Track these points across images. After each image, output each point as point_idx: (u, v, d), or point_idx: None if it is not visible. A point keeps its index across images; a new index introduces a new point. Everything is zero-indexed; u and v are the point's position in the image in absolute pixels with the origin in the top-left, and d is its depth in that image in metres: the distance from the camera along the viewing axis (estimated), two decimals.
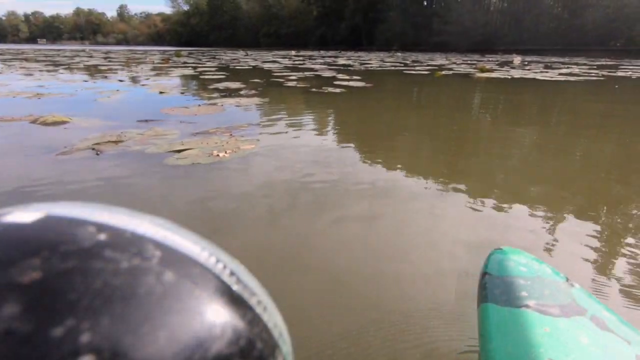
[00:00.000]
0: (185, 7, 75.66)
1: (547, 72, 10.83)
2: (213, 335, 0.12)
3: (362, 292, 1.06)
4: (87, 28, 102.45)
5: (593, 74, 10.18)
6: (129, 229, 0.13)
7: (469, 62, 16.66)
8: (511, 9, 43.01)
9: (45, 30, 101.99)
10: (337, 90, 5.84)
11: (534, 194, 1.83)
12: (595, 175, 2.14)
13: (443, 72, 10.04)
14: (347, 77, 8.04)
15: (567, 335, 0.49)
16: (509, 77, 8.97)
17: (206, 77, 7.92)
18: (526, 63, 16.05)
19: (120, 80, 7.02)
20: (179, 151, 2.32)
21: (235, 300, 0.13)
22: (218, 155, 2.22)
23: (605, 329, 0.51)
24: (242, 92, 5.37)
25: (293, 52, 28.60)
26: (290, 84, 6.72)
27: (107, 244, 0.12)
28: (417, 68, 11.87)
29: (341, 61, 15.55)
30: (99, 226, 0.13)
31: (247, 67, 11.04)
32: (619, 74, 10.70)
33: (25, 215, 0.13)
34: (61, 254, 0.11)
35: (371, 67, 12.18)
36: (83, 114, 3.62)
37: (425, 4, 48.74)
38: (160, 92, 5.32)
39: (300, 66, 11.94)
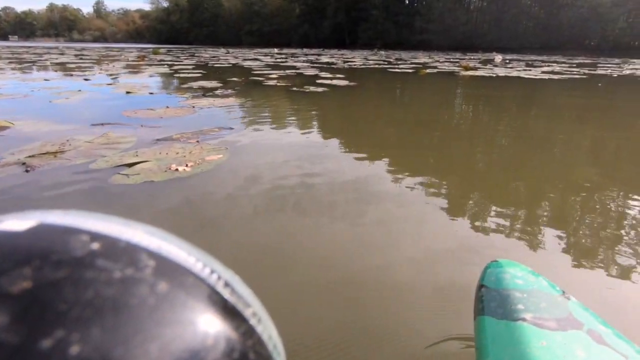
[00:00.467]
0: (165, 4, 73.19)
1: (530, 70, 10.84)
2: (206, 347, 0.11)
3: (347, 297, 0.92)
4: (61, 24, 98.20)
5: (575, 72, 10.24)
6: (123, 238, 0.13)
7: (451, 60, 16.64)
8: (490, 8, 43.57)
9: (17, 26, 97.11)
10: (320, 89, 5.52)
11: (530, 193, 1.66)
12: (603, 175, 1.91)
13: (427, 70, 9.88)
14: (331, 76, 7.74)
15: (564, 349, 0.48)
16: (494, 75, 8.87)
17: (181, 75, 7.47)
18: (507, 61, 16.16)
19: (86, 79, 6.49)
20: (131, 165, 1.95)
21: (230, 312, 0.13)
22: (177, 169, 1.88)
23: (601, 342, 0.50)
24: (217, 92, 4.99)
25: (275, 50, 28.12)
26: (270, 82, 6.36)
27: (100, 253, 0.12)
28: (401, 66, 11.68)
29: (324, 59, 15.25)
30: (93, 235, 0.12)
31: (226, 65, 10.59)
32: (599, 72, 10.83)
33: (17, 223, 0.12)
34: (53, 263, 0.11)
35: (355, 65, 11.92)
36: (31, 117, 3.19)
37: (407, 2, 48.83)
38: (127, 92, 4.88)
39: (282, 64, 11.56)
